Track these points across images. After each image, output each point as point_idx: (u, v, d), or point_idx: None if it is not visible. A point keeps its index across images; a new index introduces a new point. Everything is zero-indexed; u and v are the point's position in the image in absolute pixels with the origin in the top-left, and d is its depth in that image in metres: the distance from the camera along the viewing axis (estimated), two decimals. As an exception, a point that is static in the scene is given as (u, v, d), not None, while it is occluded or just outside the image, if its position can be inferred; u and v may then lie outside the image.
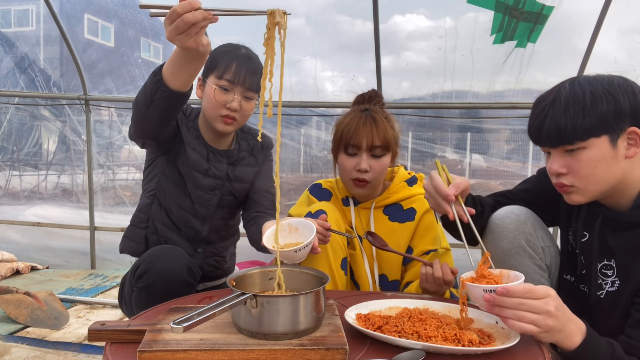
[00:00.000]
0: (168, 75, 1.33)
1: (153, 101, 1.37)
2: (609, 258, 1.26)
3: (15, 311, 2.48)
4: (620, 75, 1.21)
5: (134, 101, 1.46)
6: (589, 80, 1.18)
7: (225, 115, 1.64)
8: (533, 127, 1.24)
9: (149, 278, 1.48)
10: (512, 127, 3.75)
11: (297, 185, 4.11)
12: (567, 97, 1.17)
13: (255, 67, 1.66)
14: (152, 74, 1.35)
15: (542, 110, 1.21)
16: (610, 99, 1.14)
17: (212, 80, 1.65)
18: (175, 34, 1.13)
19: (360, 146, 1.63)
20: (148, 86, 1.37)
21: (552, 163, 1.23)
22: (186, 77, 1.33)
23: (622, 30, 3.10)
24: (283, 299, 1.02)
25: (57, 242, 3.90)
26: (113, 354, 1.00)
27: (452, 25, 3.20)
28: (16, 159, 4.87)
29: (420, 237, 1.70)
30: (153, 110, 1.40)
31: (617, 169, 1.19)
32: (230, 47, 1.70)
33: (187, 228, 1.78)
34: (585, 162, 1.18)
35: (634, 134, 1.17)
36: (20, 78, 3.98)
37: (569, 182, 1.22)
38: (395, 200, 1.74)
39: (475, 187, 4.67)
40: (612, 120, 1.15)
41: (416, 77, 3.58)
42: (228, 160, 1.79)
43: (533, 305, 0.97)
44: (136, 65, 3.86)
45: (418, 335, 1.06)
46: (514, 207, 1.45)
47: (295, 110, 3.68)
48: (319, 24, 3.82)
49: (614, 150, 1.17)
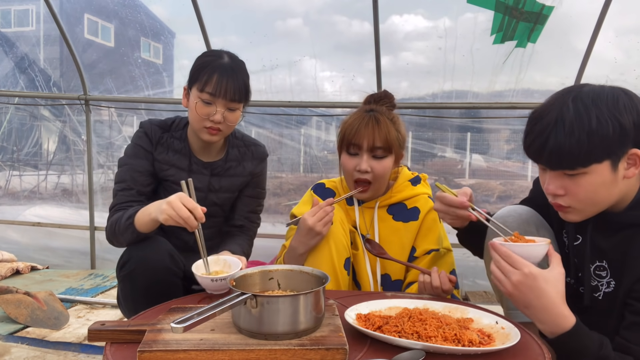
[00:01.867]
0: (140, 227, 1.53)
1: (127, 237, 1.57)
2: (600, 259, 1.26)
3: (15, 311, 2.48)
4: (624, 90, 1.15)
5: (109, 224, 1.64)
6: (592, 99, 1.11)
7: (209, 127, 1.65)
8: (533, 146, 1.17)
9: (130, 266, 1.52)
10: (512, 127, 3.75)
11: (297, 185, 4.10)
12: (572, 121, 1.09)
13: (237, 77, 1.63)
14: (126, 217, 1.56)
15: (543, 130, 1.13)
16: (615, 124, 1.08)
17: (194, 93, 1.64)
18: (172, 223, 1.41)
19: (361, 146, 1.63)
20: (122, 224, 1.56)
21: (549, 184, 1.19)
22: (151, 229, 1.55)
23: (621, 30, 3.10)
24: (283, 299, 1.02)
25: (57, 242, 3.90)
26: (113, 354, 1.00)
27: (452, 26, 3.20)
28: (16, 159, 4.86)
29: (423, 236, 1.70)
30: (124, 239, 1.59)
31: (616, 191, 1.17)
32: (212, 56, 1.67)
33: (174, 238, 1.79)
34: (584, 187, 1.14)
35: (635, 156, 1.13)
36: (20, 78, 3.98)
37: (566, 203, 1.19)
38: (399, 199, 1.74)
39: (475, 187, 4.66)
40: (616, 146, 1.10)
41: (416, 77, 3.58)
42: (212, 172, 1.79)
43: (503, 267, 1.13)
44: (136, 65, 3.86)
45: (418, 335, 1.06)
46: (517, 207, 1.46)
47: (295, 110, 3.68)
48: (317, 24, 3.83)
49: (614, 175, 1.13)
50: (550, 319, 1.10)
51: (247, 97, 1.70)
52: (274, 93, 3.49)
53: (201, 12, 3.25)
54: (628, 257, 1.19)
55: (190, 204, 1.39)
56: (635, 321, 1.14)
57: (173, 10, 3.99)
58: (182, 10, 3.36)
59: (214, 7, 3.40)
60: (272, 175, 3.96)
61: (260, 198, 1.93)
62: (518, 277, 1.10)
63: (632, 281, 1.16)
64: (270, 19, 3.86)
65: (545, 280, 1.09)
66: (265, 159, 1.92)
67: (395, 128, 1.66)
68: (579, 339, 1.08)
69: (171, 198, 1.40)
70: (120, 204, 1.66)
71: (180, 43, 4.37)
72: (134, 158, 1.72)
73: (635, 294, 1.15)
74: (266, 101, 3.49)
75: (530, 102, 3.20)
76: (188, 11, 3.25)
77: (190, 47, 4.06)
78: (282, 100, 3.47)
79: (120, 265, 1.56)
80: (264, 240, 3.10)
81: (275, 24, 3.96)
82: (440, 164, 4.48)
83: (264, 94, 3.48)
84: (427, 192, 1.79)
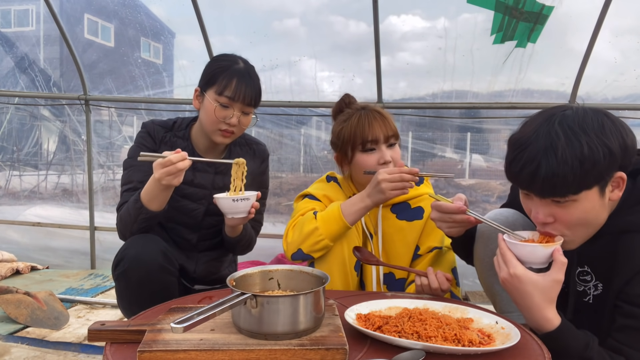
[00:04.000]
0: (146, 202, 1.55)
1: (137, 221, 1.59)
2: (581, 265, 1.28)
3: (15, 311, 2.48)
4: (605, 113, 1.14)
5: (119, 216, 1.66)
6: (579, 125, 1.09)
7: (224, 129, 1.67)
8: (523, 174, 1.13)
9: (123, 265, 1.53)
10: (512, 127, 3.75)
11: (297, 185, 4.10)
12: (564, 148, 1.08)
13: (253, 82, 1.69)
14: (133, 201, 1.58)
15: (534, 158, 1.10)
16: (605, 150, 1.07)
17: (211, 96, 1.66)
18: (165, 175, 1.44)
19: (378, 140, 1.66)
20: (132, 210, 1.58)
21: (538, 213, 1.17)
22: (161, 201, 1.56)
23: (621, 30, 3.10)
24: (283, 299, 1.02)
25: (57, 242, 3.90)
26: (113, 354, 1.00)
27: (451, 26, 3.20)
28: (16, 159, 4.86)
29: (427, 234, 1.72)
30: (137, 226, 1.61)
31: (604, 214, 1.18)
32: (228, 61, 1.70)
33: (178, 237, 1.80)
34: (574, 214, 1.14)
35: (619, 178, 1.14)
36: (20, 78, 3.98)
37: (556, 231, 1.18)
38: (403, 199, 1.74)
39: (476, 187, 4.66)
40: (605, 171, 1.10)
41: (416, 77, 3.58)
42: (215, 170, 1.81)
43: (497, 262, 1.20)
44: (136, 65, 3.85)
45: (418, 335, 1.06)
46: (503, 210, 1.48)
47: (295, 110, 3.69)
48: (315, 24, 3.83)
49: (602, 199, 1.14)
50: (532, 319, 1.15)
51: (259, 102, 1.75)
52: (274, 93, 3.49)
53: (201, 12, 3.25)
54: (616, 260, 1.20)
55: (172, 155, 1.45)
56: (625, 323, 1.16)
57: (173, 10, 3.99)
58: (182, 10, 3.36)
59: (213, 7, 3.40)
60: (272, 175, 3.96)
61: (263, 198, 1.93)
62: (504, 275, 1.16)
63: (621, 284, 1.18)
64: (270, 19, 3.87)
65: (532, 283, 1.12)
66: (267, 158, 1.93)
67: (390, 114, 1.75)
68: (562, 340, 1.11)
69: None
70: (127, 201, 1.67)
71: (180, 43, 4.37)
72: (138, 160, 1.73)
73: (624, 296, 1.17)
74: (266, 101, 3.49)
75: (530, 102, 3.20)
76: (188, 11, 3.26)
77: (190, 47, 4.06)
78: (282, 100, 3.48)
79: (115, 264, 1.58)
80: (264, 241, 3.09)
81: (275, 24, 3.97)
82: (441, 164, 4.48)
83: (264, 94, 3.46)
84: (431, 192, 1.79)
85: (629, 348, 1.14)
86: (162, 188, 1.50)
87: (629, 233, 1.19)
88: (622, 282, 1.17)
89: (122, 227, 1.65)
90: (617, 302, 1.19)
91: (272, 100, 3.49)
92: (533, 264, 1.16)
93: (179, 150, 1.46)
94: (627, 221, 1.20)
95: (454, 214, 1.35)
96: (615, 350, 1.14)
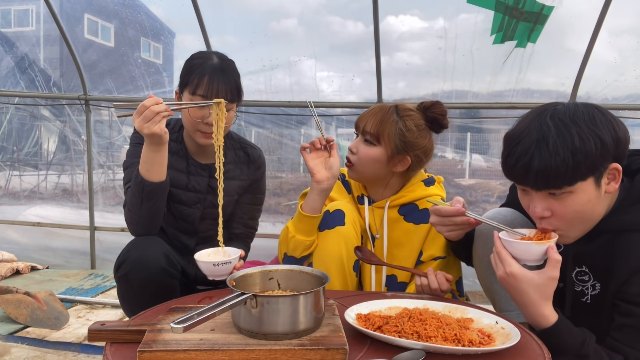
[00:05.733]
0: (145, 174, 1.52)
1: (142, 198, 1.53)
2: (579, 265, 1.29)
3: (15, 311, 2.48)
4: (596, 106, 1.16)
5: (126, 207, 1.61)
6: (570, 117, 1.12)
7: (204, 130, 1.63)
8: (517, 168, 1.15)
9: (125, 267, 1.51)
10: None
11: (297, 185, 4.10)
12: (555, 140, 1.10)
13: (228, 78, 1.61)
14: (133, 178, 1.54)
15: (526, 151, 1.13)
16: (597, 141, 1.09)
17: (186, 96, 1.62)
18: (143, 122, 1.40)
19: (358, 128, 1.69)
20: (135, 190, 1.54)
21: (536, 207, 1.18)
22: (159, 169, 1.53)
23: (621, 30, 3.10)
24: (283, 299, 1.02)
25: (57, 242, 3.90)
26: (113, 354, 1.00)
27: (450, 26, 3.20)
28: (16, 159, 4.86)
29: (431, 240, 1.67)
30: (145, 207, 1.55)
31: (601, 207, 1.18)
32: (201, 58, 1.64)
33: (177, 242, 1.79)
34: (571, 206, 1.14)
35: (615, 170, 1.15)
36: (20, 78, 3.98)
37: (553, 226, 1.19)
38: (411, 199, 1.70)
39: (476, 187, 4.66)
40: (599, 161, 1.11)
41: (416, 77, 3.58)
42: (210, 174, 1.78)
43: (494, 261, 1.21)
44: (136, 65, 3.86)
45: (418, 335, 1.06)
46: (501, 209, 1.48)
47: (295, 110, 3.69)
48: (313, 25, 3.82)
49: (598, 191, 1.14)
50: (529, 315, 1.17)
51: (240, 97, 1.68)
52: (274, 93, 3.49)
53: (201, 12, 3.25)
54: (614, 260, 1.20)
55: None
56: (623, 322, 1.17)
57: (173, 10, 3.99)
58: (182, 10, 3.36)
59: (213, 7, 3.40)
60: (272, 175, 3.96)
61: (259, 204, 1.92)
62: (500, 273, 1.18)
63: (618, 283, 1.18)
64: (269, 19, 3.86)
65: (527, 281, 1.13)
66: (263, 164, 1.89)
67: (402, 125, 1.62)
68: (559, 337, 1.12)
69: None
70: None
71: (180, 43, 4.37)
72: (137, 158, 1.72)
73: (622, 295, 1.18)
74: (266, 101, 3.50)
75: (530, 102, 3.20)
76: (188, 11, 3.26)
77: (190, 47, 4.07)
78: (281, 100, 3.48)
79: (117, 266, 1.55)
80: (264, 240, 3.10)
81: (274, 24, 3.96)
82: (441, 164, 4.48)
83: (264, 94, 3.48)
84: (441, 194, 1.74)
85: (627, 347, 1.15)
86: (151, 146, 1.47)
87: (627, 232, 1.19)
88: (620, 281, 1.18)
89: (130, 216, 1.60)
90: (615, 301, 1.19)
91: (272, 100, 3.50)
92: (528, 261, 1.17)
93: (152, 95, 1.42)
94: (624, 220, 1.20)
95: (453, 216, 1.35)
96: (613, 349, 1.15)
